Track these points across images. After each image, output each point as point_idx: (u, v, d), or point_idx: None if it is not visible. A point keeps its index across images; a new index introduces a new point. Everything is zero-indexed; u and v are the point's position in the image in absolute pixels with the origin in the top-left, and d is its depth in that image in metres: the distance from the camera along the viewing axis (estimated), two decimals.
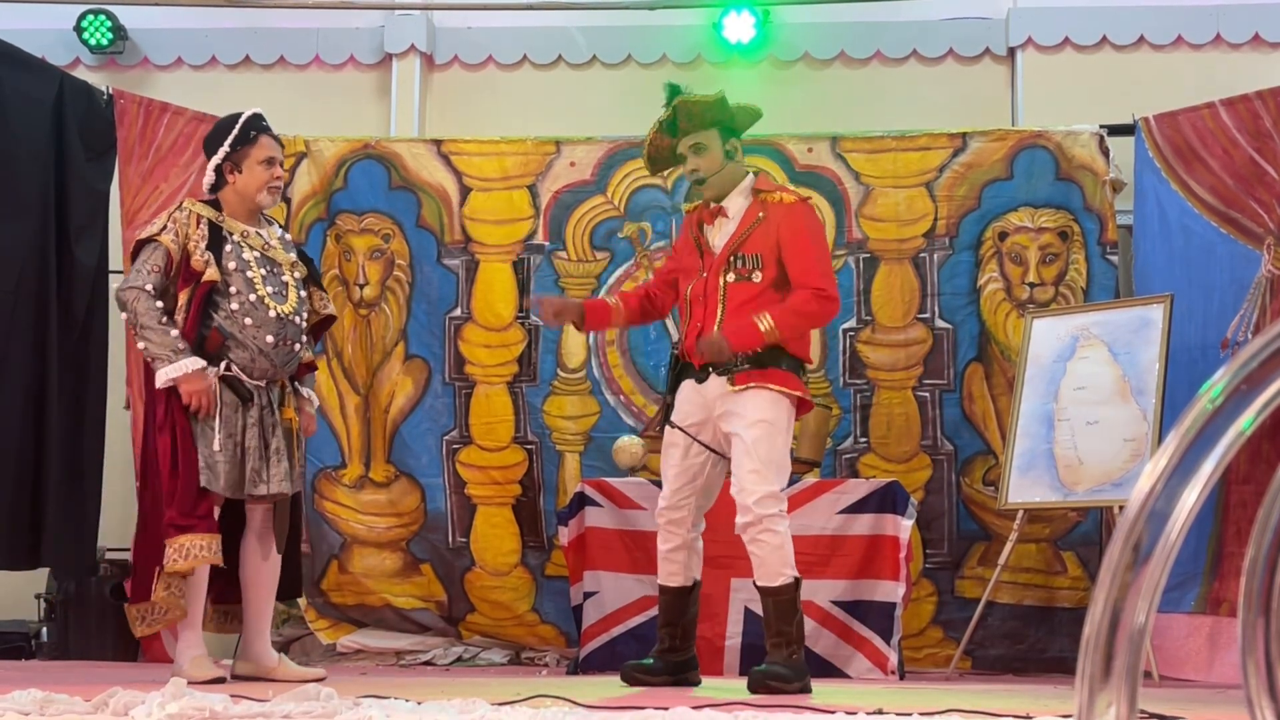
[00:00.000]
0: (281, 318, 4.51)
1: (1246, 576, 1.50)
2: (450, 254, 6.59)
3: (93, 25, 7.13)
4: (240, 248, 4.53)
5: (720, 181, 4.58)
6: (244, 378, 4.46)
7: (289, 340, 4.54)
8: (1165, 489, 1.18)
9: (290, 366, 4.60)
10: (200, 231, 4.50)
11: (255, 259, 4.54)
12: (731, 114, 4.60)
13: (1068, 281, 6.32)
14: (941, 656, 6.06)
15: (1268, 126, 5.81)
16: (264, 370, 4.50)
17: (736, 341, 4.38)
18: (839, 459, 6.31)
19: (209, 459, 4.37)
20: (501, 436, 6.47)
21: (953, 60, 7.07)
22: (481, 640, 6.39)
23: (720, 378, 4.47)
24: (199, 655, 4.41)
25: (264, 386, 4.51)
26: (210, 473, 4.36)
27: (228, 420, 4.41)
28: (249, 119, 4.61)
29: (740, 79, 7.06)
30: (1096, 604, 1.19)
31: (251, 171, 4.58)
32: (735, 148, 4.61)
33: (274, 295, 4.53)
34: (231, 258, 4.49)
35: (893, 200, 6.45)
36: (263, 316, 4.48)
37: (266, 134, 4.63)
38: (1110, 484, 5.60)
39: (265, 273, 4.54)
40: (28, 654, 6.25)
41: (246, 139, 4.58)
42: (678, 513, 4.56)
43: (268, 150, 4.60)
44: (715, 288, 4.51)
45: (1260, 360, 1.20)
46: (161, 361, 4.39)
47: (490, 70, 7.26)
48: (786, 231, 4.48)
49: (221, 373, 4.43)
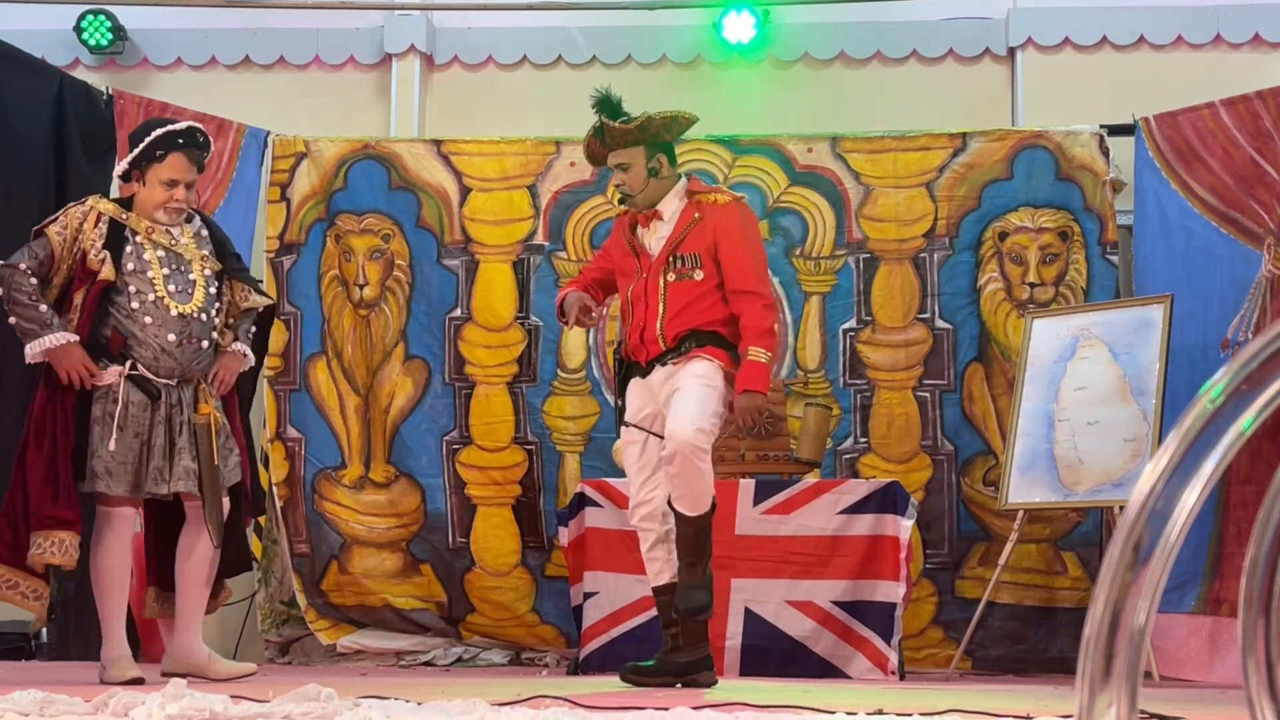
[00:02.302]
0: (184, 316, 4.44)
1: (1246, 576, 1.50)
2: (450, 254, 6.59)
3: (92, 25, 7.12)
4: (141, 247, 4.47)
5: (648, 195, 4.71)
6: (151, 376, 4.41)
7: (194, 338, 4.46)
8: (1165, 489, 1.18)
9: (202, 364, 4.50)
10: (99, 230, 4.45)
11: (160, 257, 4.47)
12: (655, 132, 4.68)
13: (1068, 282, 6.32)
14: (942, 657, 6.06)
15: (1268, 126, 5.81)
16: (169, 369, 4.43)
17: (757, 384, 4.51)
18: (839, 459, 6.31)
19: (107, 461, 4.33)
20: (501, 437, 6.47)
21: (953, 60, 7.07)
22: (481, 641, 6.39)
23: (664, 367, 4.62)
24: (119, 656, 4.41)
25: (174, 385, 4.45)
26: (109, 476, 4.33)
27: (135, 419, 4.37)
28: (162, 136, 4.48)
29: (740, 79, 7.06)
30: (1097, 604, 1.18)
31: (151, 188, 4.50)
32: (661, 163, 4.70)
33: (176, 294, 4.45)
34: (131, 258, 4.44)
35: (893, 200, 6.45)
36: (163, 315, 4.42)
37: (178, 152, 4.48)
38: (1110, 484, 5.60)
39: (169, 271, 4.47)
40: (28, 654, 6.25)
41: (151, 156, 4.48)
42: (646, 507, 4.64)
43: (170, 171, 4.47)
44: (656, 288, 4.65)
45: (1260, 360, 1.20)
46: (30, 336, 4.37)
47: (490, 70, 7.26)
48: (722, 232, 4.63)
49: (127, 372, 4.39)
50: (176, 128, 4.53)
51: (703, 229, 4.64)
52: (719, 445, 5.82)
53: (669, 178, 4.73)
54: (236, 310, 4.70)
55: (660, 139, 4.70)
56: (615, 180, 4.80)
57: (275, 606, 6.51)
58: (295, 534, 6.46)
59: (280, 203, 6.63)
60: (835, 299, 6.45)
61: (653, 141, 4.68)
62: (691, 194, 4.72)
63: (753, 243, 4.73)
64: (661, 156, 4.71)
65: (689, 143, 6.05)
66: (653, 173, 4.69)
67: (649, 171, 4.68)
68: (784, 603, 5.52)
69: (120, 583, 4.47)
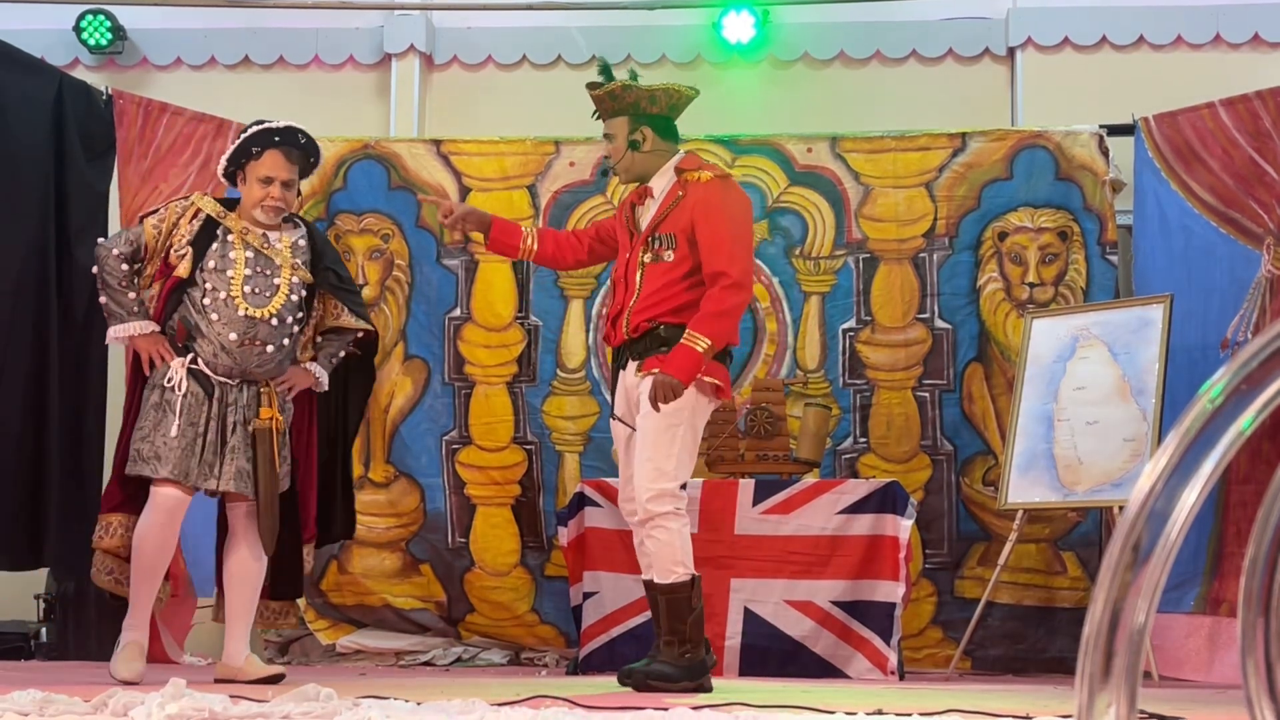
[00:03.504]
0: (251, 318, 4.45)
1: (1246, 576, 1.50)
2: (450, 254, 6.59)
3: (92, 25, 7.12)
4: (230, 245, 4.50)
5: (627, 169, 4.53)
6: (208, 371, 4.44)
7: (259, 341, 4.46)
8: (1165, 489, 1.18)
9: (266, 369, 4.51)
10: (191, 226, 4.51)
11: (248, 258, 4.50)
12: (633, 102, 4.48)
13: (1067, 282, 6.32)
14: (941, 657, 6.06)
15: (1267, 126, 5.81)
16: (227, 368, 4.45)
17: (681, 374, 4.25)
18: (839, 459, 6.30)
19: (158, 446, 4.37)
20: (501, 437, 6.47)
21: (952, 60, 7.07)
22: (481, 641, 6.39)
23: (633, 361, 4.45)
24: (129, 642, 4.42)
25: (232, 384, 4.47)
26: (156, 460, 4.36)
27: (190, 409, 4.41)
28: (259, 133, 4.53)
29: (740, 79, 7.06)
30: (1096, 604, 1.18)
31: (250, 186, 4.56)
32: (645, 136, 4.48)
33: (252, 295, 4.47)
34: (215, 255, 4.48)
35: (892, 200, 6.45)
36: (230, 315, 4.44)
37: (275, 150, 4.52)
38: (1110, 484, 5.60)
39: (251, 272, 4.49)
40: (27, 654, 6.25)
41: (248, 153, 4.53)
42: (630, 504, 4.49)
43: (267, 169, 4.51)
44: (635, 268, 4.48)
45: (1260, 360, 1.20)
46: (115, 319, 4.48)
47: (490, 70, 7.26)
48: (700, 210, 4.39)
49: (188, 364, 4.43)
50: (274, 125, 4.57)
51: (682, 208, 4.42)
52: (718, 446, 5.84)
53: (657, 152, 4.51)
54: (324, 326, 4.71)
55: (643, 110, 4.49)
56: (605, 150, 4.64)
57: None
58: None
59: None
60: (835, 299, 6.44)
61: (635, 113, 4.49)
62: (680, 171, 4.51)
63: (733, 222, 4.41)
64: (646, 129, 4.48)
65: (689, 141, 6.04)
66: (634, 145, 4.49)
67: (629, 144, 4.49)
68: (783, 603, 5.52)
69: (151, 568, 4.45)
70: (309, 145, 4.62)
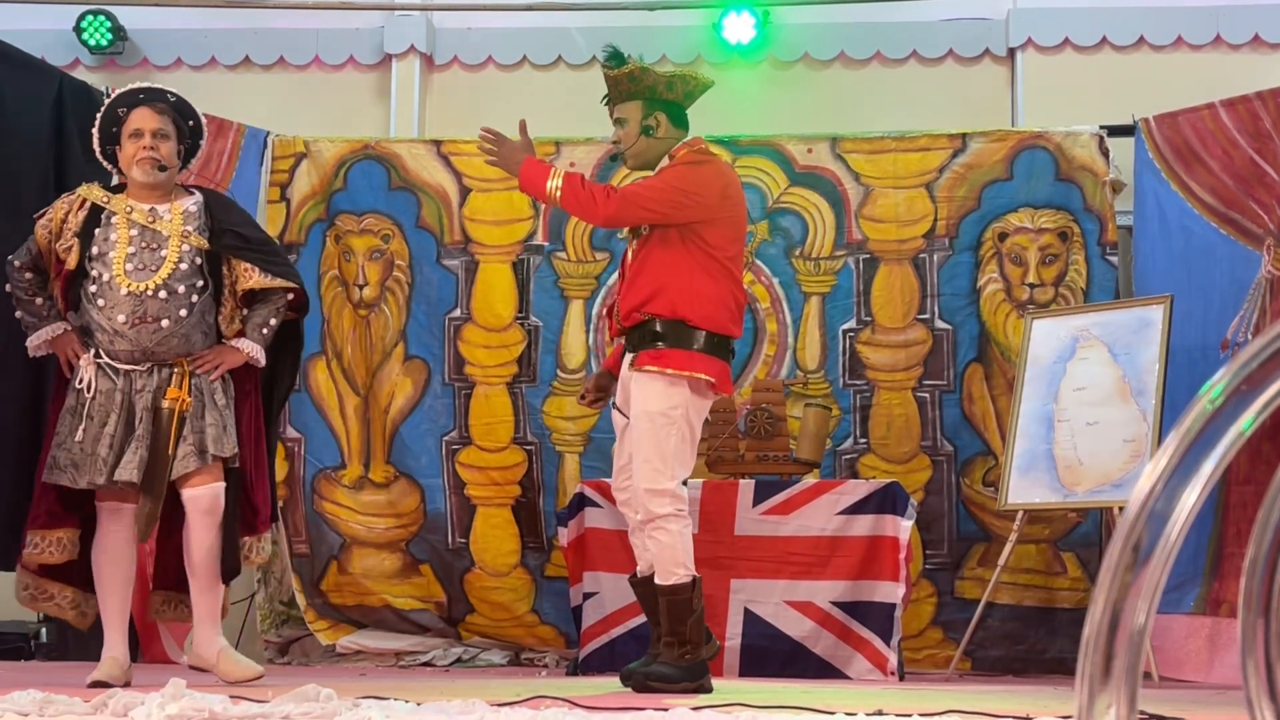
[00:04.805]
0: (135, 294, 4.24)
1: (1246, 577, 1.50)
2: (450, 254, 6.59)
3: (92, 26, 7.12)
4: (113, 228, 4.35)
5: (638, 154, 4.48)
6: (111, 362, 4.28)
7: (150, 317, 4.25)
8: (1165, 489, 1.18)
9: (169, 345, 4.28)
10: (78, 217, 4.39)
11: (132, 236, 4.33)
12: (650, 85, 4.41)
13: (1067, 282, 6.32)
14: (941, 657, 6.06)
15: (1267, 127, 5.81)
16: (127, 353, 4.26)
17: (525, 169, 4.39)
18: (839, 460, 6.30)
19: (74, 454, 4.24)
20: (501, 437, 6.47)
21: (952, 61, 7.07)
22: (481, 641, 6.39)
23: (629, 355, 4.43)
24: (107, 657, 4.35)
25: (140, 370, 4.28)
26: (74, 469, 4.23)
27: (101, 408, 4.26)
28: (121, 95, 4.44)
29: (740, 79, 7.06)
30: (1096, 604, 1.18)
31: (124, 150, 4.42)
32: (659, 122, 4.42)
33: (135, 272, 4.27)
34: (99, 240, 4.34)
35: (892, 201, 6.45)
36: (115, 296, 4.26)
37: (140, 106, 4.40)
38: (1110, 485, 5.60)
39: (135, 249, 4.31)
40: (27, 654, 6.25)
41: (115, 118, 4.42)
42: (624, 494, 4.48)
43: (134, 124, 4.39)
44: (629, 257, 4.50)
45: (1260, 361, 1.20)
46: (31, 329, 4.41)
47: (490, 71, 7.26)
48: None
49: (93, 359, 4.29)
50: (134, 85, 4.51)
51: None
52: (718, 446, 5.84)
53: (668, 139, 4.46)
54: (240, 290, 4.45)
55: (659, 95, 4.42)
56: (612, 139, 4.56)
57: (275, 607, 6.51)
58: (295, 534, 6.46)
59: (280, 203, 6.63)
60: (835, 299, 6.44)
61: (650, 97, 4.42)
62: (672, 156, 4.46)
63: (674, 178, 4.35)
64: (661, 115, 4.42)
65: None
66: (647, 130, 4.43)
67: (643, 129, 4.43)
68: (783, 603, 5.53)
69: (110, 581, 4.35)
70: (180, 104, 4.50)
